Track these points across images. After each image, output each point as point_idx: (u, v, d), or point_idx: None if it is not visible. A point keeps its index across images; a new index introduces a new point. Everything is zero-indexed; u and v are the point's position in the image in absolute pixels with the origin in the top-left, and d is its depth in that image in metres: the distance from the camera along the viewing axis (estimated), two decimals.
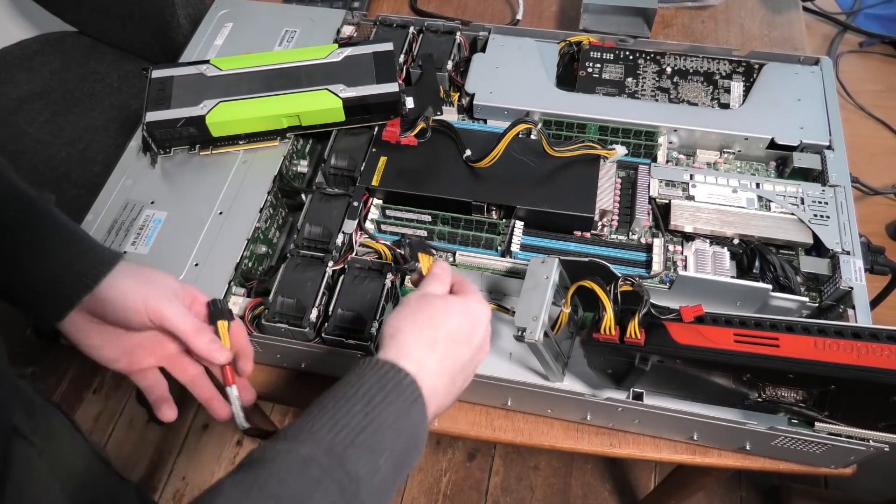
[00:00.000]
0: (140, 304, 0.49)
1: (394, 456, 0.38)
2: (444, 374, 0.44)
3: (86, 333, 0.51)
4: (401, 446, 0.39)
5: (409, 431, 0.40)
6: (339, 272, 0.63)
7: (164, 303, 0.50)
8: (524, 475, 1.33)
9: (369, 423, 0.38)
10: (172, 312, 0.50)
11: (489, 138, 0.68)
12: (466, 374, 0.47)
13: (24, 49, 1.20)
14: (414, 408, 0.40)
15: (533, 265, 0.56)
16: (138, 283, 0.50)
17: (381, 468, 0.38)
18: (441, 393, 0.43)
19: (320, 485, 0.35)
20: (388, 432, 0.38)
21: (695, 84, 0.75)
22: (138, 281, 0.50)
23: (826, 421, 0.52)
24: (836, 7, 1.09)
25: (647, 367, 0.52)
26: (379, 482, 0.37)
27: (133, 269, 0.51)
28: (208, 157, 0.71)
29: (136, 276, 0.51)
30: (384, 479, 0.38)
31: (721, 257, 0.63)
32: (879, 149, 0.96)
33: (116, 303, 0.49)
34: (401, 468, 0.39)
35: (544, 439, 0.62)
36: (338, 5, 0.93)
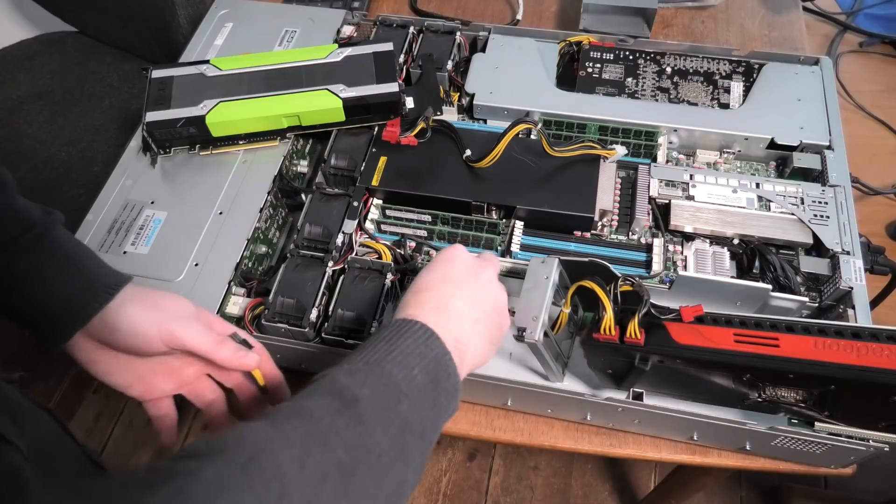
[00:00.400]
0: (152, 330, 0.48)
1: (425, 373, 0.42)
2: (460, 320, 0.46)
3: (94, 358, 0.50)
4: (430, 367, 0.42)
5: (432, 357, 0.43)
6: (339, 272, 0.63)
7: (178, 324, 0.49)
8: (524, 475, 1.33)
9: (393, 349, 0.42)
10: (189, 332, 0.49)
11: (489, 138, 0.68)
12: (484, 309, 0.48)
13: (24, 49, 1.20)
14: (431, 341, 0.43)
15: (533, 265, 0.56)
16: (148, 309, 0.49)
17: (417, 378, 0.41)
18: (463, 333, 0.45)
19: (366, 380, 0.40)
20: (412, 355, 0.42)
21: (695, 84, 0.75)
22: (148, 306, 0.49)
23: (826, 421, 0.52)
24: (836, 7, 1.09)
25: (647, 367, 0.52)
26: (417, 389, 0.41)
27: (142, 293, 0.50)
28: (208, 157, 0.71)
29: (146, 301, 0.49)
30: (422, 389, 0.41)
31: (721, 257, 0.63)
32: (879, 149, 0.96)
33: (125, 330, 0.48)
34: (438, 386, 0.42)
35: (544, 439, 0.62)
36: (338, 5, 0.93)
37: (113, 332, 0.48)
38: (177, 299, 0.51)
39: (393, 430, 0.39)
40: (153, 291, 0.51)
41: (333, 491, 0.34)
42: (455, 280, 0.48)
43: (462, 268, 0.49)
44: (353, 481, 0.35)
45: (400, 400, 0.40)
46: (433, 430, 0.42)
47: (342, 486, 0.35)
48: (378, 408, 0.39)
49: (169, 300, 0.51)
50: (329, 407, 0.38)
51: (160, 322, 0.48)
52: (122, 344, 0.49)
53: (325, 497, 0.34)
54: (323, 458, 0.35)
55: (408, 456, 0.39)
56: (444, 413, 0.43)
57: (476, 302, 0.48)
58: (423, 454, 0.41)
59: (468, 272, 0.49)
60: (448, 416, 0.44)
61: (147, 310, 0.49)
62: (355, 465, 0.36)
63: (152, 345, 0.49)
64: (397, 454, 0.38)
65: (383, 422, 0.38)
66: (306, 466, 0.34)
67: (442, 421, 0.43)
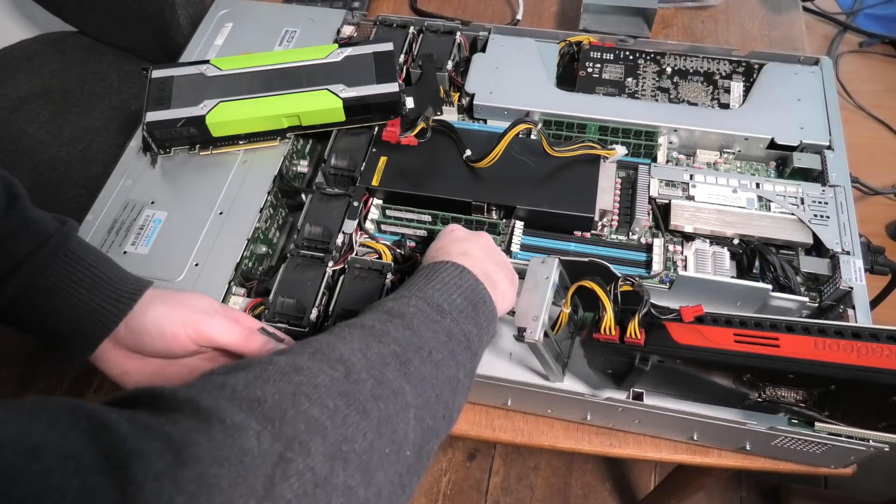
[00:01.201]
0: (180, 329, 0.48)
1: (463, 297, 0.46)
2: (483, 262, 0.51)
3: (126, 369, 0.50)
4: (467, 293, 0.46)
5: (468, 287, 0.47)
6: (339, 272, 0.63)
7: (204, 320, 0.49)
8: (524, 475, 1.33)
9: (431, 281, 0.47)
10: (216, 327, 0.49)
11: (489, 138, 0.68)
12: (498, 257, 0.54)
13: (24, 49, 1.20)
14: (465, 273, 0.48)
15: (533, 265, 0.56)
16: (173, 308, 0.49)
17: (456, 301, 0.45)
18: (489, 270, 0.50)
19: (410, 301, 0.44)
20: (449, 285, 0.46)
21: (695, 84, 0.75)
22: (172, 305, 0.49)
23: (826, 421, 0.52)
24: (836, 7, 1.09)
25: (647, 367, 0.52)
26: (458, 309, 0.45)
27: (165, 294, 0.50)
28: (208, 157, 0.71)
29: (170, 301, 0.49)
30: (462, 310, 0.45)
31: (721, 257, 0.63)
32: (879, 149, 0.96)
33: (154, 332, 0.48)
34: (477, 309, 0.46)
35: (544, 439, 0.62)
36: (338, 5, 0.93)
37: (141, 336, 0.48)
38: (200, 297, 0.51)
39: (441, 336, 0.43)
40: (175, 291, 0.51)
41: (395, 372, 0.38)
42: (464, 240, 0.54)
43: (465, 234, 0.56)
44: (409, 368, 0.39)
45: (444, 315, 0.44)
46: (478, 343, 0.46)
47: (401, 370, 0.39)
48: (424, 320, 0.43)
49: (193, 298, 0.51)
50: (379, 319, 0.42)
51: (186, 319, 0.48)
52: (152, 347, 0.48)
53: (389, 375, 0.38)
54: (381, 349, 0.39)
55: (456, 359, 0.43)
56: (485, 332, 0.47)
57: (489, 251, 0.53)
58: (472, 362, 0.45)
59: (472, 236, 0.55)
60: (489, 337, 0.48)
61: (172, 309, 0.49)
62: (409, 355, 0.40)
63: (182, 343, 0.48)
64: (446, 355, 0.42)
65: (430, 329, 0.43)
66: (367, 354, 0.38)
67: (485, 338, 0.47)
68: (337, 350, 0.38)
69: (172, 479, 0.27)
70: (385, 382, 0.37)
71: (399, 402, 0.37)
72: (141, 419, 0.29)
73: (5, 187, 0.48)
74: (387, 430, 0.36)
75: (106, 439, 0.26)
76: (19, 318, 0.48)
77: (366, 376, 0.37)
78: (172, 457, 0.27)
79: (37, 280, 0.47)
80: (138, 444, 0.27)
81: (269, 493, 0.29)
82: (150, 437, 0.28)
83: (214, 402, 0.32)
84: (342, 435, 0.33)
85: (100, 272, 0.49)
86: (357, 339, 0.39)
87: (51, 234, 0.48)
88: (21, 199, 0.49)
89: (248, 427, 0.31)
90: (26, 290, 0.47)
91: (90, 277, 0.48)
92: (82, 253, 0.49)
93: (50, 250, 0.47)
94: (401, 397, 0.37)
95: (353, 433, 0.34)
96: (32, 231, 0.48)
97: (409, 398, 0.38)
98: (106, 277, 0.49)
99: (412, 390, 0.38)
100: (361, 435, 0.34)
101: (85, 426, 0.27)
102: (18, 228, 0.47)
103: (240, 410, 0.31)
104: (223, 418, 0.31)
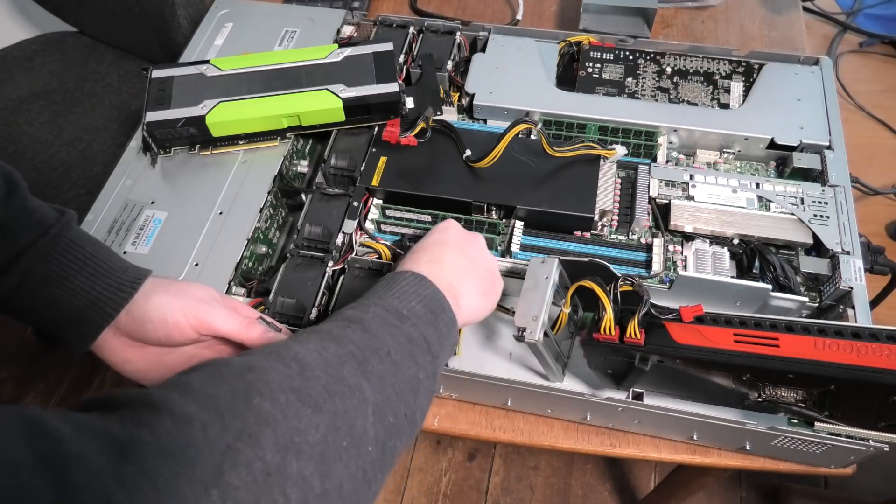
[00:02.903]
0: (181, 317, 0.48)
1: (423, 305, 0.46)
2: (452, 271, 0.50)
3: (126, 356, 0.50)
4: (426, 301, 0.46)
5: (427, 295, 0.47)
6: (339, 272, 0.63)
7: (205, 309, 0.49)
8: (524, 475, 1.33)
9: (390, 289, 0.46)
10: (216, 316, 0.49)
11: (489, 138, 0.68)
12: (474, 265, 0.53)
13: (24, 49, 1.20)
14: (424, 282, 0.47)
15: (533, 265, 0.56)
16: (174, 296, 0.49)
17: (416, 307, 0.45)
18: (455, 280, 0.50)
19: (369, 308, 0.44)
20: (409, 292, 0.46)
21: (695, 84, 0.75)
22: (172, 294, 0.49)
23: (826, 421, 0.52)
24: (836, 7, 1.09)
25: (647, 367, 0.52)
26: (417, 315, 0.45)
27: (166, 283, 0.50)
28: (208, 157, 0.71)
29: (171, 290, 0.50)
30: (421, 316, 0.45)
31: (721, 257, 0.63)
32: (879, 149, 0.96)
33: (156, 320, 0.48)
34: (437, 316, 0.46)
35: (544, 439, 0.62)
36: (338, 5, 0.93)
37: (143, 324, 0.48)
38: (200, 287, 0.52)
39: (400, 339, 0.43)
40: (175, 281, 0.51)
41: (352, 370, 0.39)
42: (448, 243, 0.53)
43: (455, 235, 0.55)
44: (367, 367, 0.40)
45: (403, 321, 0.44)
46: (438, 348, 0.45)
47: (359, 369, 0.39)
48: (382, 324, 0.43)
49: (193, 287, 0.51)
50: (337, 325, 0.43)
51: (188, 308, 0.49)
52: (153, 335, 0.49)
53: (345, 373, 0.38)
54: (338, 349, 0.40)
55: (416, 361, 0.43)
56: (446, 339, 0.47)
57: (466, 259, 0.53)
58: (432, 365, 0.45)
59: (460, 239, 0.54)
60: (450, 344, 0.48)
61: (174, 298, 0.49)
62: (367, 355, 0.40)
63: (183, 331, 0.49)
64: (406, 356, 0.42)
65: (389, 333, 0.43)
66: (324, 354, 0.39)
67: (445, 343, 0.47)
68: (292, 350, 0.38)
69: (114, 475, 0.27)
70: (341, 379, 0.38)
71: (356, 399, 0.37)
72: (87, 422, 0.29)
73: (4, 177, 0.48)
74: (343, 423, 0.36)
75: (44, 444, 0.27)
76: (21, 307, 0.48)
77: (320, 373, 0.37)
78: (114, 453, 0.28)
79: (38, 269, 0.47)
80: (77, 447, 0.27)
81: (217, 480, 0.29)
82: (92, 437, 0.28)
83: (165, 394, 0.32)
84: (294, 427, 0.33)
85: (100, 261, 0.49)
86: (314, 341, 0.40)
87: (51, 223, 0.48)
88: (21, 188, 0.49)
89: (196, 419, 0.31)
90: (27, 279, 0.47)
91: (91, 266, 0.48)
92: (82, 242, 0.49)
93: (50, 239, 0.48)
94: (358, 394, 0.38)
95: (306, 425, 0.34)
96: (33, 221, 0.48)
97: (368, 395, 0.38)
98: (106, 266, 0.49)
99: (370, 388, 0.39)
100: (314, 427, 0.34)
101: (24, 433, 0.27)
102: (19, 218, 0.48)
103: (192, 402, 0.32)
104: (172, 409, 0.31)
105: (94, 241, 0.51)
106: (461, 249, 0.53)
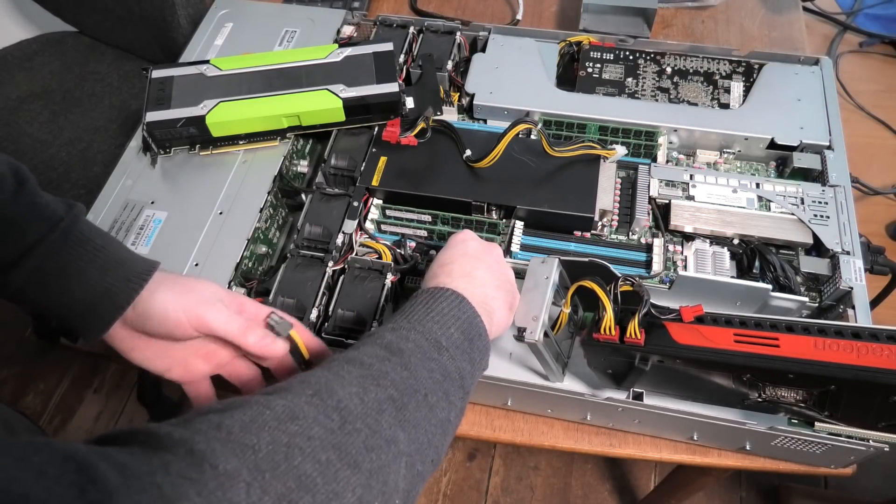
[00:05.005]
0: (182, 316, 0.49)
1: (461, 331, 0.45)
2: (484, 286, 0.50)
3: (133, 346, 0.51)
4: (464, 326, 0.46)
5: (466, 319, 0.46)
6: (339, 272, 0.63)
7: (205, 309, 0.49)
8: (524, 475, 1.33)
9: (431, 311, 0.46)
10: (215, 317, 0.49)
11: (489, 138, 0.68)
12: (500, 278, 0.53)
13: (24, 49, 1.20)
14: (463, 304, 0.47)
15: (533, 265, 0.56)
16: (177, 294, 0.49)
17: (454, 335, 0.45)
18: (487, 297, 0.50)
19: (409, 335, 0.44)
20: (448, 316, 0.46)
21: (695, 84, 0.75)
22: (177, 291, 0.49)
23: (826, 421, 0.52)
24: (836, 7, 1.09)
25: (647, 367, 0.52)
26: (455, 344, 0.45)
27: (172, 279, 0.50)
28: (208, 157, 0.71)
29: (175, 287, 0.50)
30: (459, 345, 0.45)
31: (721, 257, 0.63)
32: (879, 149, 0.96)
33: (158, 317, 0.49)
34: (472, 344, 0.46)
35: (544, 439, 0.62)
36: (338, 5, 0.93)
37: (146, 319, 0.49)
38: (207, 285, 0.52)
39: (436, 375, 0.43)
40: (182, 277, 0.52)
41: (390, 420, 0.38)
42: (472, 255, 0.53)
43: (475, 246, 0.54)
44: (405, 413, 0.39)
45: (440, 352, 0.44)
46: (470, 381, 0.46)
47: (397, 417, 0.39)
48: (421, 357, 0.43)
49: (199, 285, 0.51)
50: (377, 356, 0.42)
51: (189, 308, 0.49)
52: (156, 330, 0.49)
53: (384, 424, 0.38)
54: (378, 394, 0.39)
55: (450, 399, 0.43)
56: (478, 368, 0.47)
57: (493, 271, 0.52)
58: (463, 401, 0.45)
59: (481, 250, 0.54)
60: (481, 371, 0.48)
61: (177, 296, 0.49)
62: (405, 400, 0.40)
63: (184, 330, 0.49)
64: (441, 396, 0.42)
65: (426, 368, 0.42)
66: (364, 399, 0.38)
67: (477, 374, 0.47)
68: (335, 395, 0.38)
69: None
70: (379, 432, 0.37)
71: (392, 452, 0.37)
72: (132, 466, 0.29)
73: (13, 172, 0.49)
74: (377, 482, 0.36)
75: (93, 494, 0.27)
76: (32, 299, 0.49)
77: (361, 425, 0.37)
78: None
79: (48, 263, 0.48)
80: (126, 500, 0.27)
81: None
82: (140, 489, 0.28)
83: (208, 444, 0.32)
84: (332, 491, 0.33)
85: (110, 253, 0.49)
86: (355, 381, 0.39)
87: (60, 217, 0.49)
88: (30, 183, 0.50)
89: (240, 477, 0.31)
90: (38, 273, 0.48)
91: (101, 258, 0.49)
92: (91, 235, 0.50)
93: (61, 233, 0.48)
94: (394, 447, 0.38)
95: (343, 488, 0.34)
96: (43, 215, 0.48)
97: (403, 446, 0.38)
98: (116, 258, 0.49)
99: (406, 437, 0.39)
100: (351, 490, 0.34)
101: (73, 478, 0.27)
102: (28, 213, 0.48)
103: (233, 456, 0.32)
104: (216, 464, 0.31)
105: (102, 233, 0.51)
106: (486, 262, 0.52)
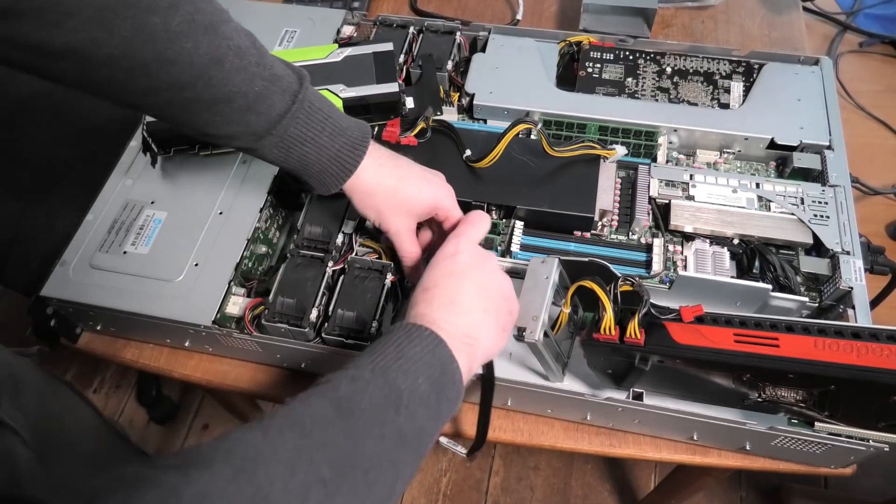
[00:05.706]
0: (372, 214, 0.57)
1: (429, 382, 0.43)
2: (469, 314, 0.48)
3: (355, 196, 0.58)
4: (435, 375, 0.43)
5: (439, 365, 0.44)
6: (339, 272, 0.63)
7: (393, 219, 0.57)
8: (524, 475, 1.33)
9: (401, 356, 0.43)
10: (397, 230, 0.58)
11: (489, 138, 0.68)
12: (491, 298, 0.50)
13: None
14: (439, 348, 0.44)
15: (533, 265, 0.56)
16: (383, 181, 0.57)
17: (421, 387, 0.42)
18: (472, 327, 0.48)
19: (367, 389, 0.41)
20: (419, 363, 0.43)
21: (695, 84, 0.75)
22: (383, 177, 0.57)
23: (826, 421, 0.52)
24: (836, 7, 1.09)
25: (647, 367, 0.52)
26: (420, 398, 0.42)
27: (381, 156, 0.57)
28: (208, 157, 0.71)
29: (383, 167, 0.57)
30: (424, 400, 0.42)
31: (721, 257, 0.63)
32: (879, 149, 0.96)
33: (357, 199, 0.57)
34: (441, 395, 0.43)
35: (544, 439, 0.62)
36: (338, 5, 0.93)
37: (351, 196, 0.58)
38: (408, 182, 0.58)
39: (386, 442, 0.40)
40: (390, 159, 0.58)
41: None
42: (459, 274, 0.50)
43: (465, 260, 0.51)
44: (335, 498, 0.36)
45: (399, 412, 0.41)
46: (429, 439, 0.43)
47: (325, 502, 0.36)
48: (374, 421, 0.40)
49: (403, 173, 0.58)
50: (323, 418, 0.39)
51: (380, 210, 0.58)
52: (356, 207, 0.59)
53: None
54: (307, 475, 0.36)
55: (398, 468, 0.40)
56: (445, 419, 0.44)
57: (482, 292, 0.50)
58: (416, 463, 0.42)
59: (471, 264, 0.51)
60: (446, 420, 0.45)
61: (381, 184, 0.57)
62: (339, 482, 0.37)
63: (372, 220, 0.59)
64: (387, 467, 0.39)
65: (377, 435, 0.39)
66: (289, 485, 0.35)
67: (441, 425, 0.44)
68: (256, 477, 0.34)
69: None
70: None
71: None
72: None
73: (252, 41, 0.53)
74: None
75: None
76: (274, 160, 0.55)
77: None
78: None
79: (291, 131, 0.53)
80: None
81: None
82: None
83: None
84: None
85: (336, 121, 0.55)
86: (288, 455, 0.36)
87: (296, 90, 0.53)
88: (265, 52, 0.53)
89: None
90: (285, 140, 0.53)
91: (329, 126, 0.54)
92: (320, 104, 0.54)
93: (299, 105, 0.53)
94: None
95: None
96: (282, 87, 0.52)
97: None
98: (340, 126, 0.55)
99: None
100: None
101: None
102: (272, 85, 0.52)
103: None
104: None
105: (324, 100, 0.55)
106: (475, 281, 0.50)
